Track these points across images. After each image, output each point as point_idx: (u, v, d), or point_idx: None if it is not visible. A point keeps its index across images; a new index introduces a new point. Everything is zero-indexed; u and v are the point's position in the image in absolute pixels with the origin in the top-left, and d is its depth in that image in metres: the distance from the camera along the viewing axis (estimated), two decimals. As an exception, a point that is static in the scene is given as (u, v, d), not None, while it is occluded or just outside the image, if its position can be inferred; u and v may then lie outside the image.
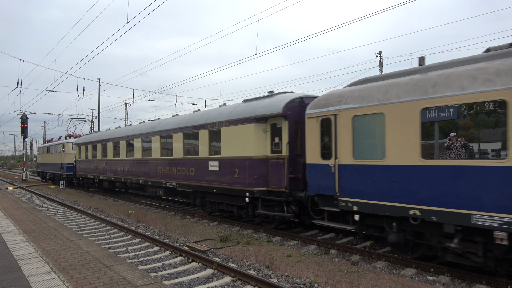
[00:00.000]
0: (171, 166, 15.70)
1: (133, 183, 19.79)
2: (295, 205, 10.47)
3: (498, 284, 6.43)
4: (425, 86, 7.12)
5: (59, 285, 5.60)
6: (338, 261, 8.37)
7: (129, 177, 19.58)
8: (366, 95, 8.25)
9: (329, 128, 8.98)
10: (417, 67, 8.08)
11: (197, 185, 13.94)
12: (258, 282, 6.62)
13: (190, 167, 14.33)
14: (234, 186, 11.97)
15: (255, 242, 10.13)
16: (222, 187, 12.54)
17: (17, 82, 27.22)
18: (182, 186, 14.92)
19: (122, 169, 20.53)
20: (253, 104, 11.95)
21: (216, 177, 12.83)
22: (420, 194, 7.10)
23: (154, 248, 9.75)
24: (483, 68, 6.53)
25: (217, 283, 6.92)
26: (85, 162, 26.33)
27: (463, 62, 7.16)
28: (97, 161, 23.84)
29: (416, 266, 7.68)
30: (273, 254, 8.82)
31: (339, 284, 6.79)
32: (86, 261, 6.96)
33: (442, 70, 7.26)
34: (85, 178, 26.55)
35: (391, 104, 7.63)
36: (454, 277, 7.05)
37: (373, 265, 7.95)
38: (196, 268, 7.93)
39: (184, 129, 14.77)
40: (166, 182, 15.90)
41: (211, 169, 13.10)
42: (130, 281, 5.80)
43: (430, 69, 7.61)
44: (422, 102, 7.05)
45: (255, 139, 11.30)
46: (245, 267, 7.83)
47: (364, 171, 8.21)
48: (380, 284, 6.78)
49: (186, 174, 14.59)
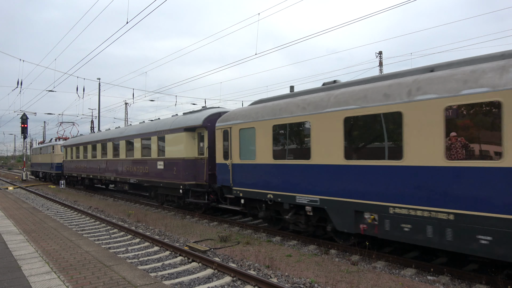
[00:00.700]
0: (133, 165, 18.96)
1: (106, 180, 23.20)
2: (214, 195, 13.65)
3: (498, 284, 6.43)
4: (276, 110, 10.55)
5: (59, 285, 5.60)
6: (338, 261, 8.38)
7: (104, 174, 22.77)
8: (248, 114, 11.57)
9: (227, 137, 12.30)
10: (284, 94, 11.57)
11: (150, 181, 17.25)
12: (258, 282, 6.63)
13: (146, 166, 17.61)
14: (173, 181, 15.30)
15: (255, 242, 10.13)
16: (166, 182, 15.86)
17: (17, 82, 27.26)
18: (141, 182, 18.22)
19: (98, 168, 23.70)
20: (188, 116, 15.36)
21: (162, 174, 16.14)
22: (272, 183, 10.51)
23: (154, 248, 9.75)
24: (303, 99, 9.97)
25: (217, 283, 6.92)
26: (70, 162, 29.43)
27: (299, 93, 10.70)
28: (80, 161, 27.15)
29: (416, 266, 7.68)
30: (273, 254, 8.82)
31: (339, 284, 6.79)
32: (86, 261, 6.96)
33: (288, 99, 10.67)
34: (71, 176, 29.66)
35: (259, 121, 11.02)
36: (454, 277, 7.05)
37: (373, 265, 7.95)
38: (196, 268, 7.93)
39: (142, 135, 18.09)
40: (130, 179, 19.37)
41: (159, 168, 16.46)
42: (130, 281, 5.80)
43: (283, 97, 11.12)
44: (273, 121, 10.49)
45: (186, 144, 14.59)
46: (245, 267, 7.83)
47: (245, 168, 11.58)
48: (380, 284, 6.78)
49: (144, 172, 17.86)
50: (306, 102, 9.74)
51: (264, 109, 11.07)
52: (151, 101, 62.00)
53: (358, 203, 8.19)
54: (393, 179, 7.55)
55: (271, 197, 10.53)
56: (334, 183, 8.79)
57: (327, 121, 8.94)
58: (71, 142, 29.72)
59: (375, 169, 7.90)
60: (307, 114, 9.51)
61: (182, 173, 14.61)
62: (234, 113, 12.43)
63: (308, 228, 10.07)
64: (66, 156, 30.27)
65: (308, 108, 9.52)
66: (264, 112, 10.95)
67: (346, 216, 8.50)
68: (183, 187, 14.64)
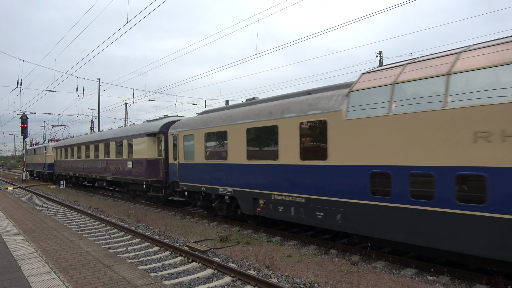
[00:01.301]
0: (109, 164, 21.86)
1: (89, 178, 26.11)
2: (170, 189, 16.19)
3: (498, 284, 6.42)
4: (207, 121, 13.35)
5: (59, 285, 5.60)
6: (338, 261, 8.37)
7: (87, 173, 25.83)
8: (190, 123, 14.50)
9: (176, 142, 15.13)
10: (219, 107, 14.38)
11: (123, 178, 20.14)
12: (258, 282, 6.62)
13: (119, 165, 20.40)
14: (139, 178, 18.24)
15: (255, 242, 10.13)
16: (134, 178, 18.80)
17: (17, 82, 27.18)
18: (115, 179, 21.17)
19: (82, 167, 26.63)
20: (150, 123, 18.53)
21: (131, 172, 18.99)
22: (205, 179, 13.25)
23: (154, 248, 9.75)
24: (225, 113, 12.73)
25: (217, 283, 6.92)
26: (60, 162, 32.29)
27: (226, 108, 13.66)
28: (68, 161, 29.94)
29: (416, 266, 7.68)
30: (273, 254, 8.82)
31: (339, 284, 6.79)
32: (86, 261, 6.96)
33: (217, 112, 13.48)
34: (61, 175, 32.31)
35: (196, 129, 13.81)
36: (454, 277, 7.05)
37: (373, 265, 7.95)
38: (196, 268, 7.93)
39: (116, 138, 21.01)
40: (107, 176, 22.20)
41: (128, 167, 19.25)
42: (130, 281, 5.79)
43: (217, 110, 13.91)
44: (205, 130, 13.25)
45: (148, 147, 17.46)
46: (245, 267, 7.83)
47: (188, 167, 14.38)
48: (380, 284, 6.77)
49: (117, 170, 20.63)
50: (226, 115, 12.53)
51: (200, 119, 14.01)
52: (151, 101, 62.04)
53: (255, 192, 11.04)
54: (273, 174, 10.39)
55: (204, 189, 13.42)
56: (241, 178, 11.62)
57: (237, 130, 11.76)
58: (60, 144, 32.53)
59: (263, 166, 10.76)
60: (225, 125, 12.31)
61: (145, 171, 17.60)
62: (181, 122, 15.37)
63: (229, 213, 12.98)
64: (57, 157, 33.15)
65: (226, 120, 12.37)
66: (200, 122, 13.87)
67: (248, 202, 11.38)
68: (146, 183, 17.66)
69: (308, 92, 10.35)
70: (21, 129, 35.54)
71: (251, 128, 11.15)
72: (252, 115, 11.26)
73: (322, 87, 10.20)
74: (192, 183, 14.08)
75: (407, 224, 7.21)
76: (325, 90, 9.76)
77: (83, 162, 26.40)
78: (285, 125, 9.95)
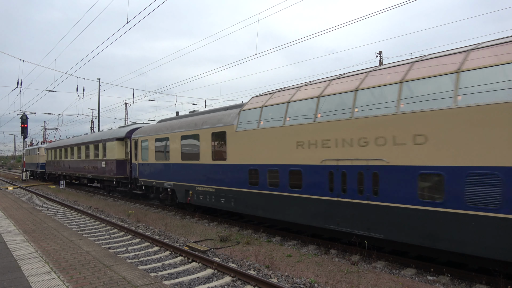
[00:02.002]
0: (88, 164, 25.54)
1: (74, 176, 29.94)
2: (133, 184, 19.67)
3: (498, 284, 6.42)
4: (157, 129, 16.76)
5: (59, 285, 5.60)
6: (338, 261, 8.37)
7: (72, 172, 29.46)
8: (146, 130, 17.95)
9: (136, 145, 18.72)
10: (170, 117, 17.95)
11: (99, 176, 23.75)
12: (258, 282, 6.62)
13: (96, 165, 24.04)
14: (110, 175, 21.77)
15: (255, 242, 10.13)
16: (107, 176, 22.33)
17: (17, 82, 27.19)
18: (93, 176, 25.09)
19: (68, 167, 30.27)
20: (120, 129, 22.33)
21: (105, 171, 22.53)
22: (155, 175, 16.73)
23: (154, 248, 9.75)
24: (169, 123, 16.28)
25: (217, 283, 6.91)
26: (50, 162, 36.11)
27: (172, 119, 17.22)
28: (57, 161, 33.75)
29: (416, 266, 7.68)
30: (273, 254, 8.81)
31: (339, 284, 6.79)
32: (86, 261, 6.96)
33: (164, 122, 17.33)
34: (51, 174, 36.21)
35: (149, 136, 17.29)
36: (454, 277, 7.05)
37: (373, 265, 7.95)
38: (196, 268, 7.93)
39: (94, 142, 24.76)
40: (87, 174, 25.96)
41: (103, 166, 22.83)
42: (130, 281, 5.79)
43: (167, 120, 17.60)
44: (155, 136, 16.76)
45: (117, 149, 21.00)
46: (245, 267, 7.83)
47: (144, 166, 17.85)
48: (380, 284, 6.77)
49: (95, 169, 24.28)
50: (169, 124, 16.03)
51: (153, 128, 17.61)
52: (151, 101, 61.89)
53: (186, 185, 14.46)
54: (197, 171, 13.73)
55: (155, 184, 16.90)
56: (178, 174, 15.02)
57: (175, 137, 15.20)
58: (50, 146, 36.38)
59: (191, 165, 14.10)
60: (167, 133, 15.79)
61: (115, 170, 21.04)
62: (140, 129, 18.98)
63: (172, 203, 16.22)
64: (48, 157, 36.88)
65: (169, 129, 15.78)
66: (152, 130, 17.38)
67: (182, 193, 14.85)
68: (115, 180, 21.34)
69: (227, 108, 13.68)
70: (21, 129, 35.58)
71: (184, 135, 14.58)
72: (185, 125, 14.71)
73: (233, 105, 13.75)
74: (147, 179, 17.68)
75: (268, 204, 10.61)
76: (233, 107, 13.19)
77: (69, 162, 30.13)
78: (203, 134, 13.35)
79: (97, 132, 26.91)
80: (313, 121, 9.31)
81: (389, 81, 8.05)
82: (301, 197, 9.51)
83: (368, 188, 8.02)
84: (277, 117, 10.45)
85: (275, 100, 10.83)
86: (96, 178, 24.61)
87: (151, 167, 17.16)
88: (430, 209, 6.93)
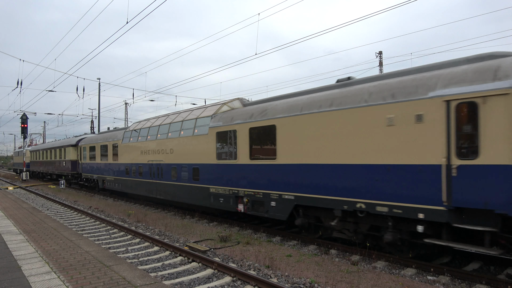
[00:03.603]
0: (56, 163, 33.92)
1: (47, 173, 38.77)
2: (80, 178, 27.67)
3: (498, 284, 6.42)
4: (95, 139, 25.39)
5: (59, 285, 5.60)
6: (338, 261, 8.37)
7: (45, 170, 38.59)
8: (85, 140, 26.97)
9: (81, 150, 26.88)
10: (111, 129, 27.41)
11: (62, 172, 31.99)
12: (258, 282, 6.62)
13: (61, 164, 32.25)
14: (67, 172, 30.14)
15: (255, 242, 10.13)
16: (65, 172, 30.70)
17: (17, 82, 27.22)
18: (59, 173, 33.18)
19: (44, 166, 39.15)
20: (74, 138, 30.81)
21: (66, 168, 30.68)
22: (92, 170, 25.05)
23: (154, 248, 9.74)
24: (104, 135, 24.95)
25: (217, 283, 6.91)
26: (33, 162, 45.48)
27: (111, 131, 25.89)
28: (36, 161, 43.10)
29: (416, 266, 7.68)
30: (273, 254, 8.81)
31: (339, 284, 6.79)
32: (86, 261, 6.96)
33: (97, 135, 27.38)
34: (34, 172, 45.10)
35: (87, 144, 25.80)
36: (454, 277, 7.05)
37: (373, 265, 7.95)
38: (196, 268, 7.93)
39: (58, 147, 33.15)
40: (55, 171, 34.46)
41: (63, 165, 31.36)
42: (130, 281, 5.79)
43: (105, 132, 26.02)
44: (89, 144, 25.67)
45: (72, 152, 28.93)
46: (245, 267, 7.83)
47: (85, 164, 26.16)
48: (380, 284, 6.77)
49: (60, 167, 32.62)
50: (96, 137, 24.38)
51: (88, 138, 26.44)
52: (151, 101, 61.89)
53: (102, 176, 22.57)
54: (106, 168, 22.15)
55: (89, 176, 25.23)
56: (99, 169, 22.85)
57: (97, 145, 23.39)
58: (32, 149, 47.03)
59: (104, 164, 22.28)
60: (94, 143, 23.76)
61: (70, 167, 29.52)
62: (83, 139, 27.58)
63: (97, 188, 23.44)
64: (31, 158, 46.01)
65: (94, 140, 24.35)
66: (88, 140, 25.94)
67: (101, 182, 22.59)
68: (71, 175, 29.69)
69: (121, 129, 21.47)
70: (21, 129, 35.55)
71: (102, 145, 22.86)
72: (101, 138, 23.37)
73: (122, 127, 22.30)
74: (86, 173, 26.07)
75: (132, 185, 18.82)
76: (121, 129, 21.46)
77: (43, 162, 39.22)
78: (110, 144, 21.61)
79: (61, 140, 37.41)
80: (145, 140, 17.65)
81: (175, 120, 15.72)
82: (143, 181, 17.76)
83: (159, 174, 16.19)
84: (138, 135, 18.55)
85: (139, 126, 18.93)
86: (61, 174, 32.84)
87: (88, 165, 25.69)
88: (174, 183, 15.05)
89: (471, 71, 6.69)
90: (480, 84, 6.34)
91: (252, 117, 11.14)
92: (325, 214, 9.18)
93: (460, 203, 6.48)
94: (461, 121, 6.56)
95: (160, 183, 15.92)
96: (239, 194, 11.54)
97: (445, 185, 6.66)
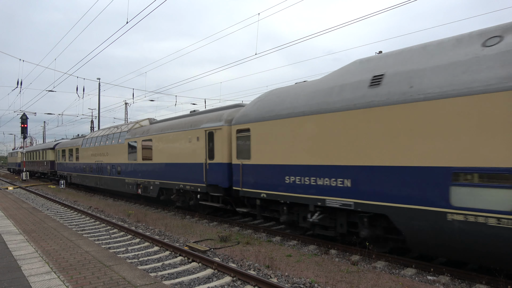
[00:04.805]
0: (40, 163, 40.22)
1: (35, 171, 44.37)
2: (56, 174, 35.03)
3: (498, 284, 6.42)
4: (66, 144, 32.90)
5: (59, 285, 5.60)
6: (338, 261, 8.37)
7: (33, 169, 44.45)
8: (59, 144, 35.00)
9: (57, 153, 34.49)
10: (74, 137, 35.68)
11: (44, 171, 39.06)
12: (258, 282, 6.62)
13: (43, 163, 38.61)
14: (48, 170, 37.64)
15: (255, 242, 10.13)
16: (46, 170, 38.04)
17: (17, 82, 27.24)
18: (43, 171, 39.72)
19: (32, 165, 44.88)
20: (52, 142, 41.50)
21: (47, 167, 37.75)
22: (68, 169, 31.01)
23: (154, 248, 9.74)
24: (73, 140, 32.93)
25: (217, 283, 6.91)
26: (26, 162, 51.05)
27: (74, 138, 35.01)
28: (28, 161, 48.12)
29: (416, 266, 7.68)
30: (273, 254, 8.81)
31: (339, 284, 6.79)
32: (86, 261, 6.96)
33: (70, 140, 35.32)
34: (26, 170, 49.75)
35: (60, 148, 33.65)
36: (454, 277, 7.05)
37: (373, 265, 7.95)
38: (196, 268, 7.93)
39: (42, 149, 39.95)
40: (40, 169, 40.66)
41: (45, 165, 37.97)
42: (130, 281, 5.79)
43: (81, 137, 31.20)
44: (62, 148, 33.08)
45: (51, 154, 36.78)
46: (245, 267, 7.83)
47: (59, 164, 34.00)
48: (380, 284, 6.77)
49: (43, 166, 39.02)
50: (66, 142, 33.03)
51: (68, 143, 31.54)
52: (151, 101, 61.90)
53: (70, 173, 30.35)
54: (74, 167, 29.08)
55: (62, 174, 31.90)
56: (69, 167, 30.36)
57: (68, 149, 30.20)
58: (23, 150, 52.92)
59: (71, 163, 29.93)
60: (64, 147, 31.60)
61: (50, 167, 36.13)
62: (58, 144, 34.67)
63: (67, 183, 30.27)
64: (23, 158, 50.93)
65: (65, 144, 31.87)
66: (64, 144, 31.85)
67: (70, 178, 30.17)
68: (50, 172, 36.51)
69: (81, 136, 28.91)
70: (21, 129, 35.59)
71: (69, 149, 29.36)
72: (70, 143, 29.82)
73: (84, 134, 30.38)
74: (60, 171, 32.37)
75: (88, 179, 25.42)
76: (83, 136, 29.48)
77: (31, 162, 45.41)
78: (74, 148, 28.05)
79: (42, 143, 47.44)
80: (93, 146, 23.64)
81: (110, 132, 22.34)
82: (93, 176, 23.90)
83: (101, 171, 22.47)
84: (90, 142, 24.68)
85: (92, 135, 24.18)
86: (43, 172, 39.63)
87: (61, 165, 32.06)
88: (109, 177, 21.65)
89: (215, 115, 13.15)
90: (215, 123, 12.85)
91: (143, 133, 17.72)
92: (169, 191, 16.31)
93: (209, 182, 12.97)
94: (210, 140, 13.05)
95: (102, 177, 22.74)
96: (138, 182, 18.04)
97: (205, 173, 13.16)
